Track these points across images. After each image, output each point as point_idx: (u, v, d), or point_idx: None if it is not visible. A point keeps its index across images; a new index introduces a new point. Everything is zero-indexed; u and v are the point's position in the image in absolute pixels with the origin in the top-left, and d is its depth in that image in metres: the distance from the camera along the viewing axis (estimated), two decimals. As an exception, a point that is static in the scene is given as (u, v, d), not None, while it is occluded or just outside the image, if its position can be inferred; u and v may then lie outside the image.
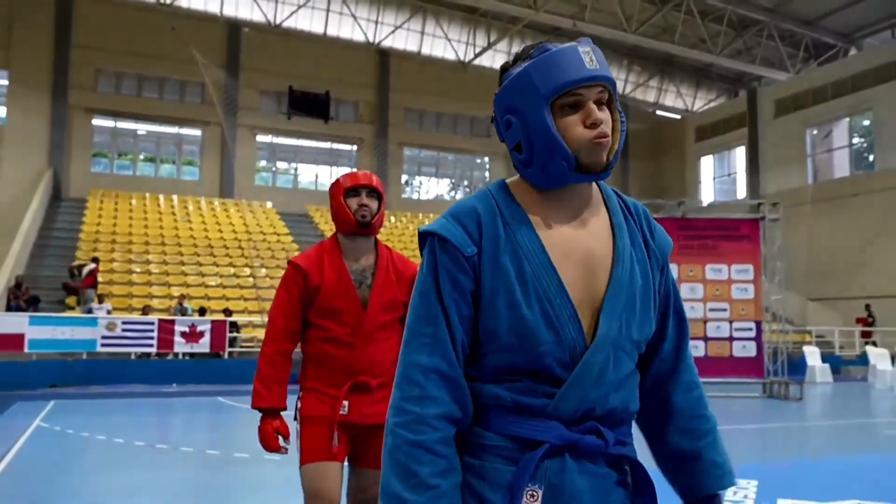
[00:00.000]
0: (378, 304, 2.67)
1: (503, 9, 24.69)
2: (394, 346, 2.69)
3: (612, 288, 1.28)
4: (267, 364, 2.62)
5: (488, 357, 1.27)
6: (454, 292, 1.26)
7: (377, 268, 2.72)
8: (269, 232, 23.19)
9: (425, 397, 1.21)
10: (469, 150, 30.28)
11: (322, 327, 2.63)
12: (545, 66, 1.26)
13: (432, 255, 1.28)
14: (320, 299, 2.63)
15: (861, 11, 25.33)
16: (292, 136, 27.41)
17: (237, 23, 26.11)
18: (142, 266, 19.04)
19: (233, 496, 5.49)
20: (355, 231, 2.69)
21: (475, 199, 1.33)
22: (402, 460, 1.19)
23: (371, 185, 2.74)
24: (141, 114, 25.17)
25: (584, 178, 1.29)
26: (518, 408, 1.26)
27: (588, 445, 1.26)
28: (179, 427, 9.57)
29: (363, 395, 2.62)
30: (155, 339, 14.04)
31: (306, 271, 2.64)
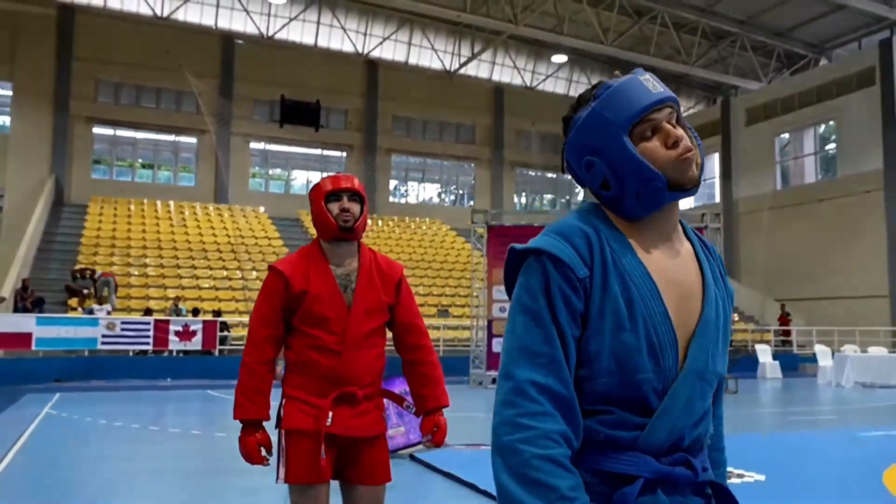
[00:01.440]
0: (362, 308, 2.58)
1: (485, 23, 25.86)
2: (380, 356, 2.63)
3: (704, 320, 1.29)
4: (248, 374, 2.52)
5: (585, 382, 1.25)
6: (567, 313, 1.24)
7: (360, 271, 2.63)
8: (260, 236, 24.38)
9: (545, 414, 1.18)
10: (455, 156, 31.47)
11: (308, 335, 2.53)
12: (613, 99, 1.29)
13: (543, 273, 1.25)
14: (306, 306, 2.53)
15: (829, 24, 26.50)
16: (284, 144, 28.62)
17: (231, 35, 27.30)
18: (139, 269, 20.23)
19: (210, 463, 6.68)
20: (337, 236, 2.60)
21: (577, 219, 1.32)
22: (535, 476, 1.14)
23: (352, 188, 2.63)
24: (139, 123, 26.37)
25: (680, 196, 1.31)
26: (609, 441, 1.24)
27: (679, 477, 1.26)
28: (170, 414, 10.76)
29: (348, 406, 2.52)
30: (151, 337, 15.27)
31: (288, 277, 2.53)
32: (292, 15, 27.11)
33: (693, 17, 26.78)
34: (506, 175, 31.91)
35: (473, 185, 32.06)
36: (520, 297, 1.27)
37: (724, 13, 26.89)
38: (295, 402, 2.52)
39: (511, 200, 32.26)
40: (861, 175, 23.73)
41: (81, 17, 25.29)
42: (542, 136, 33.04)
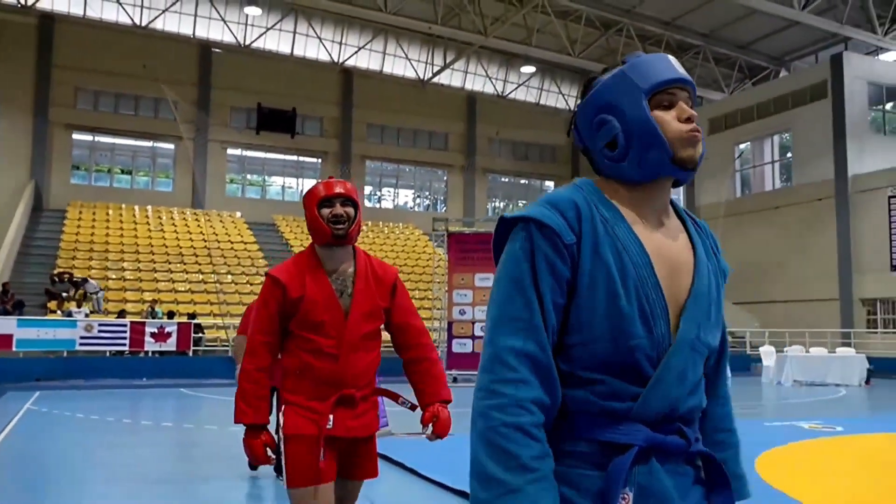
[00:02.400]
0: (359, 313, 2.62)
1: (456, 34, 26.69)
2: (376, 358, 2.69)
3: (694, 292, 1.32)
4: (247, 380, 2.56)
5: (577, 348, 1.27)
6: (551, 279, 1.25)
7: (357, 276, 2.66)
8: (236, 241, 25.03)
9: (520, 381, 1.19)
10: (428, 162, 32.27)
11: (306, 339, 2.57)
12: (642, 66, 1.34)
13: (528, 240, 1.27)
14: (303, 312, 2.57)
15: (788, 38, 27.60)
16: (260, 150, 29.28)
17: (208, 44, 27.93)
18: (117, 273, 20.85)
19: (178, 449, 7.42)
20: (331, 242, 2.63)
21: (569, 191, 1.35)
22: (499, 443, 1.16)
23: (345, 194, 2.67)
24: (117, 129, 26.95)
25: (678, 172, 1.33)
26: (604, 412, 1.26)
27: (672, 445, 1.28)
28: (144, 409, 11.46)
29: (347, 408, 2.57)
30: (127, 339, 15.93)
31: (285, 284, 2.57)
32: (269, 24, 27.78)
33: (658, 29, 27.78)
34: (478, 181, 32.75)
35: (446, 190, 32.88)
36: (503, 264, 1.30)
37: (688, 27, 27.93)
38: (294, 408, 2.56)
39: (483, 206, 33.11)
40: (814, 183, 24.80)
41: (61, 25, 25.83)
42: (514, 143, 33.98)
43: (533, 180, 35.04)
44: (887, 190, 22.83)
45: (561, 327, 1.28)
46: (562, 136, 34.91)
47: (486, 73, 31.98)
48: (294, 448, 2.51)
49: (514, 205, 35.01)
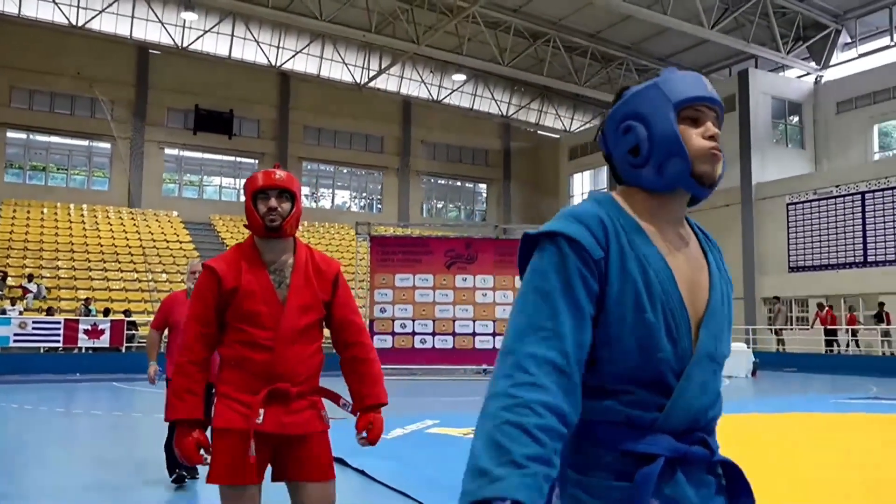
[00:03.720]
0: (296, 304, 2.55)
1: (389, 42, 27.70)
2: (316, 354, 2.61)
3: (711, 306, 1.36)
4: (179, 374, 2.48)
5: (605, 363, 1.29)
6: (582, 293, 1.27)
7: (295, 267, 2.61)
8: (172, 240, 25.59)
9: (534, 384, 1.19)
10: (364, 164, 33.22)
11: (241, 330, 2.52)
12: (674, 81, 1.40)
13: (559, 255, 1.28)
14: (238, 302, 2.52)
15: (704, 52, 29.41)
16: (198, 151, 29.81)
17: (146, 45, 28.35)
18: (51, 271, 21.28)
19: (106, 433, 8.32)
20: (264, 235, 2.59)
21: (591, 206, 1.37)
22: (496, 438, 1.16)
23: (281, 186, 2.60)
24: (53, 128, 27.19)
25: (695, 186, 1.37)
26: (629, 422, 1.28)
27: (696, 455, 1.31)
28: (77, 400, 12.22)
29: (281, 403, 2.49)
30: (61, 336, 16.54)
31: (220, 275, 2.53)
32: (207, 27, 28.34)
33: (583, 41, 29.30)
34: (412, 183, 33.85)
35: (382, 192, 33.88)
36: (530, 278, 1.30)
37: (611, 39, 29.51)
38: (225, 400, 2.50)
39: (418, 207, 34.22)
40: (722, 190, 26.56)
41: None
42: (448, 146, 35.17)
43: (466, 183, 36.29)
44: (786, 198, 24.75)
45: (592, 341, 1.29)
46: (494, 140, 36.32)
47: (420, 79, 33.06)
48: (222, 442, 2.44)
49: (447, 206, 36.20)
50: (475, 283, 16.06)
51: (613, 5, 24.25)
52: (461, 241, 16.59)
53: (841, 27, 26.80)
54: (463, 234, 19.08)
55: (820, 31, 26.89)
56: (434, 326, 15.91)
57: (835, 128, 26.50)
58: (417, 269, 15.93)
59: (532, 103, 35.93)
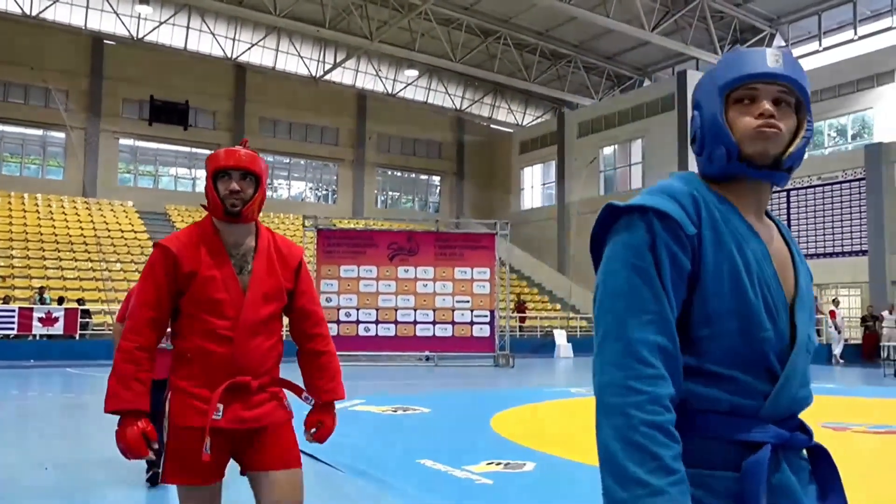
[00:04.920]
0: (258, 292, 2.40)
1: (343, 38, 28.34)
2: (276, 344, 2.46)
3: (800, 291, 1.35)
4: (125, 360, 2.29)
5: (706, 342, 1.26)
6: (673, 270, 1.24)
7: (257, 252, 2.45)
8: (126, 229, 26.00)
9: (657, 377, 1.17)
10: (319, 156, 33.86)
11: (198, 319, 2.35)
12: (728, 62, 1.34)
13: (649, 231, 1.25)
14: (196, 288, 2.34)
15: (649, 52, 30.60)
16: (153, 141, 30.17)
17: (101, 35, 28.58)
18: (5, 260, 21.64)
19: (56, 416, 9.06)
20: (223, 219, 2.43)
21: (681, 182, 1.34)
22: (640, 442, 1.13)
23: (244, 167, 2.41)
24: (6, 117, 27.33)
25: (749, 171, 1.32)
26: (734, 410, 1.26)
27: (798, 442, 1.30)
28: (30, 385, 12.83)
29: (240, 397, 2.35)
30: (15, 323, 17.05)
31: (177, 255, 2.35)
32: (162, 19, 28.66)
33: (533, 39, 30.28)
34: (367, 175, 34.58)
35: (335, 183, 34.55)
36: (622, 254, 1.25)
37: (560, 37, 30.52)
38: (181, 395, 2.34)
39: (372, 198, 34.97)
40: (662, 186, 27.84)
41: (-53, 12, 26.01)
42: (402, 139, 35.94)
43: (420, 175, 37.12)
44: (719, 193, 26.04)
45: (686, 320, 1.27)
46: (448, 133, 37.18)
47: (376, 73, 33.74)
48: (178, 441, 2.31)
49: (400, 198, 36.99)
50: (416, 274, 16.95)
51: (557, 7, 25.23)
52: (403, 234, 17.45)
53: (776, 31, 28.16)
54: (418, 227, 19.90)
55: (756, 35, 28.21)
56: (377, 315, 16.78)
57: (768, 127, 27.85)
58: (362, 260, 16.77)
59: (485, 98, 36.87)
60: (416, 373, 15.35)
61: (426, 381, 13.41)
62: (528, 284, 30.94)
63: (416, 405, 9.09)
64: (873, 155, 22.33)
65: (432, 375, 14.91)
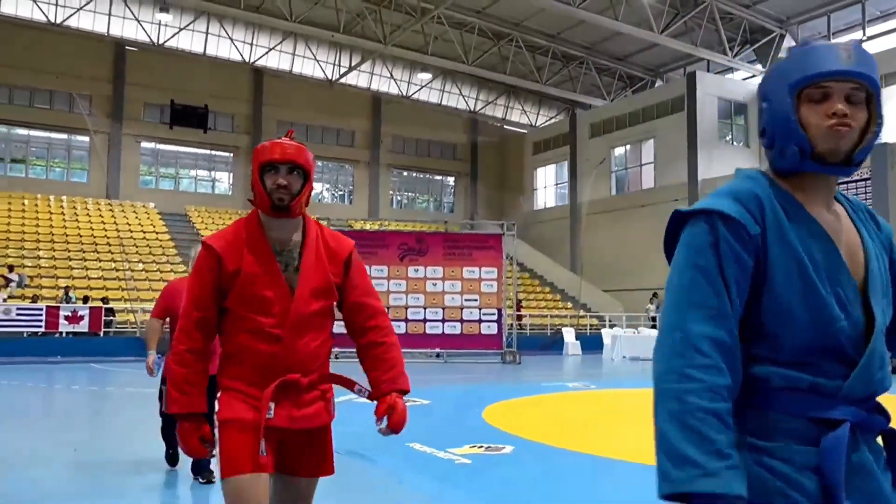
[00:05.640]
0: (307, 289, 2.33)
1: (358, 42, 28.98)
2: (327, 341, 2.41)
3: (870, 275, 1.36)
4: (178, 363, 2.29)
5: (778, 336, 1.31)
6: (736, 268, 1.29)
7: (305, 247, 2.38)
8: (148, 230, 26.81)
9: (714, 367, 1.22)
10: (335, 158, 34.52)
11: (244, 317, 2.30)
12: (799, 58, 1.35)
13: (712, 231, 1.30)
14: (240, 286, 2.29)
15: (660, 53, 30.92)
16: (174, 144, 30.97)
17: (123, 42, 29.42)
18: (33, 260, 22.48)
19: (83, 406, 9.72)
20: (271, 213, 2.36)
21: (745, 182, 1.38)
22: (695, 426, 1.18)
23: (291, 160, 2.35)
24: (33, 122, 28.25)
25: (822, 168, 1.34)
26: (813, 389, 1.29)
27: (875, 423, 1.33)
28: (57, 378, 13.56)
29: (292, 396, 2.30)
30: (43, 321, 17.84)
31: (220, 253, 2.31)
32: (182, 25, 29.43)
33: (544, 42, 30.72)
34: (382, 176, 35.21)
35: (352, 185, 35.22)
36: (686, 253, 1.32)
37: (571, 39, 30.94)
38: (230, 393, 2.33)
39: (387, 199, 35.59)
40: (671, 186, 28.21)
41: (-24, 21, 26.95)
42: (417, 140, 36.53)
43: (434, 176, 37.69)
44: (728, 193, 26.33)
45: (758, 316, 1.32)
46: (462, 134, 37.71)
47: (390, 75, 34.33)
48: (229, 435, 2.26)
49: (415, 198, 37.59)
50: (426, 273, 17.51)
51: (566, 10, 25.64)
52: (413, 235, 18.03)
53: (785, 32, 28.37)
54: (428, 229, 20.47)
55: (766, 36, 28.45)
56: (388, 313, 17.34)
57: (777, 127, 28.04)
58: (373, 260, 17.34)
59: (499, 99, 37.34)
60: (425, 369, 15.89)
61: (433, 376, 13.94)
62: (539, 283, 31.41)
63: (418, 397, 9.63)
64: (880, 156, 22.54)
65: (440, 371, 15.45)
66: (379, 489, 4.99)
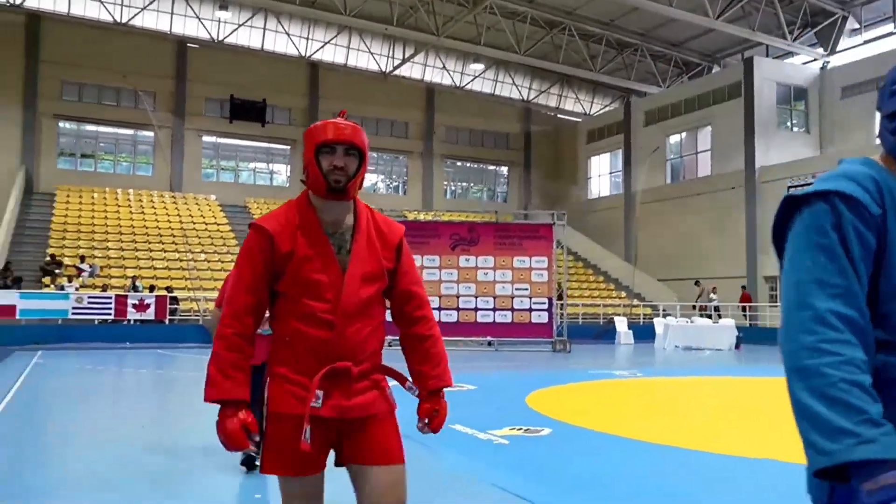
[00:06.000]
0: (359, 273, 2.25)
1: (412, 35, 29.32)
2: (378, 328, 2.32)
3: None
4: (224, 347, 2.18)
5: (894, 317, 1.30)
6: (861, 249, 1.27)
7: (357, 230, 2.29)
8: (210, 221, 27.74)
9: (849, 342, 1.21)
10: (389, 149, 35.00)
11: (296, 302, 2.22)
12: None
13: (833, 212, 1.29)
14: (293, 269, 2.20)
15: (715, 38, 30.41)
16: (234, 138, 31.89)
17: (184, 39, 30.39)
18: (102, 252, 23.54)
19: (150, 388, 10.30)
20: (327, 196, 2.26)
21: (859, 166, 1.37)
22: (843, 398, 1.16)
23: (349, 141, 2.24)
24: (101, 118, 29.46)
25: None
26: None
27: None
28: (125, 363, 14.30)
29: (341, 384, 2.20)
30: (112, 309, 18.74)
31: (273, 235, 2.21)
32: (240, 21, 30.23)
33: (598, 29, 30.50)
34: (436, 166, 35.55)
35: (406, 175, 35.66)
36: (806, 235, 1.31)
37: (625, 27, 30.63)
38: (279, 381, 2.24)
39: (441, 189, 35.93)
40: (728, 174, 27.79)
41: (47, 23, 28.19)
42: (470, 130, 36.73)
43: (488, 165, 37.85)
44: (787, 181, 25.83)
45: (874, 297, 1.30)
46: (515, 124, 37.75)
47: (443, 66, 34.59)
48: (276, 429, 2.20)
49: (469, 188, 37.82)
50: (477, 262, 17.77)
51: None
52: (464, 225, 18.30)
53: (847, 14, 27.59)
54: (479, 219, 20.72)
55: (827, 18, 27.71)
56: (440, 302, 17.69)
57: (839, 113, 27.35)
58: (425, 250, 17.69)
59: (552, 88, 37.23)
60: (475, 356, 16.19)
61: (482, 363, 14.21)
62: (593, 272, 31.34)
63: (466, 383, 9.92)
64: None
65: (490, 358, 15.71)
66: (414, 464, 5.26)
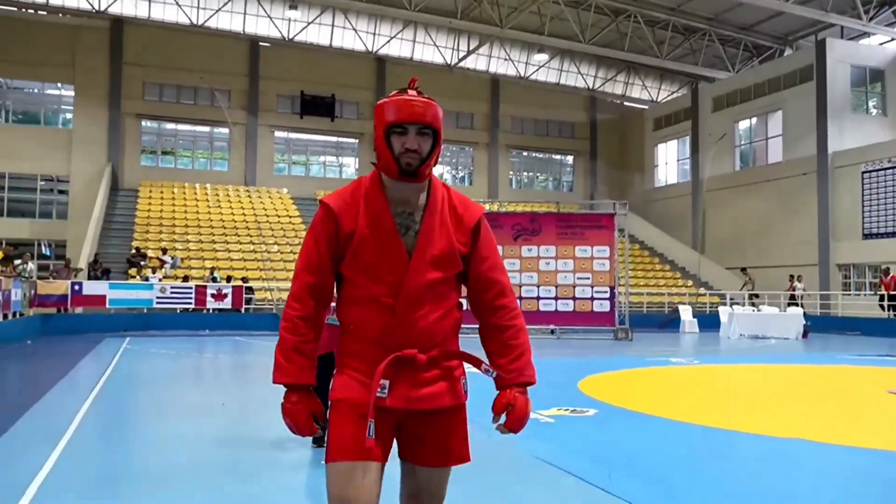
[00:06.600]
0: (426, 255, 2.11)
1: (476, 27, 29.65)
2: (449, 315, 2.16)
3: None
4: (286, 329, 2.11)
5: None
6: None
7: (427, 210, 2.15)
8: (282, 214, 28.80)
9: None
10: (455, 140, 35.43)
11: (357, 285, 2.12)
12: None
13: None
14: (354, 250, 2.10)
15: (784, 21, 29.70)
16: (304, 132, 32.91)
17: (257, 38, 31.51)
18: (182, 244, 24.81)
19: (228, 371, 11.05)
20: (399, 179, 2.13)
21: None
22: None
23: (422, 120, 2.11)
24: (180, 117, 30.88)
25: None
26: None
27: None
28: (206, 348, 15.22)
29: (408, 373, 2.08)
30: (193, 298, 19.83)
31: (337, 214, 2.11)
32: (309, 19, 31.14)
33: (664, 15, 30.17)
34: (501, 157, 35.83)
35: (472, 165, 36.07)
36: None
37: (692, 11, 30.21)
38: (344, 368, 2.14)
39: (506, 179, 36.22)
40: (800, 159, 27.19)
41: (129, 27, 29.69)
42: (535, 120, 36.85)
43: (553, 155, 37.90)
44: (861, 166, 25.17)
45: None
46: (580, 112, 37.66)
47: (507, 57, 34.80)
48: (336, 416, 2.10)
49: (535, 178, 37.97)
50: (539, 252, 18.08)
51: (685, -17, 25.14)
52: (527, 215, 18.62)
53: (928, -9, 26.57)
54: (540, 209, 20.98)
55: (905, -3, 26.76)
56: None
57: (919, 94, 26.43)
58: (488, 241, 18.06)
59: (618, 76, 36.99)
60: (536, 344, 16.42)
61: (541, 350, 14.52)
62: (659, 261, 31.14)
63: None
64: None
65: (550, 346, 16.02)
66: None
